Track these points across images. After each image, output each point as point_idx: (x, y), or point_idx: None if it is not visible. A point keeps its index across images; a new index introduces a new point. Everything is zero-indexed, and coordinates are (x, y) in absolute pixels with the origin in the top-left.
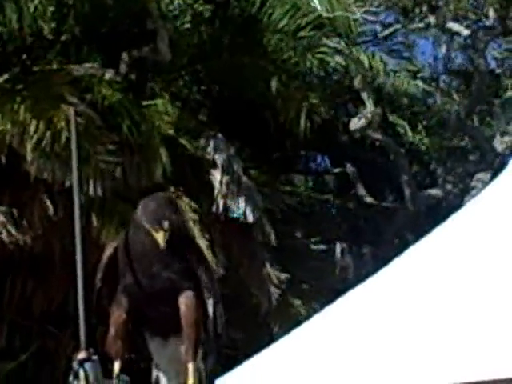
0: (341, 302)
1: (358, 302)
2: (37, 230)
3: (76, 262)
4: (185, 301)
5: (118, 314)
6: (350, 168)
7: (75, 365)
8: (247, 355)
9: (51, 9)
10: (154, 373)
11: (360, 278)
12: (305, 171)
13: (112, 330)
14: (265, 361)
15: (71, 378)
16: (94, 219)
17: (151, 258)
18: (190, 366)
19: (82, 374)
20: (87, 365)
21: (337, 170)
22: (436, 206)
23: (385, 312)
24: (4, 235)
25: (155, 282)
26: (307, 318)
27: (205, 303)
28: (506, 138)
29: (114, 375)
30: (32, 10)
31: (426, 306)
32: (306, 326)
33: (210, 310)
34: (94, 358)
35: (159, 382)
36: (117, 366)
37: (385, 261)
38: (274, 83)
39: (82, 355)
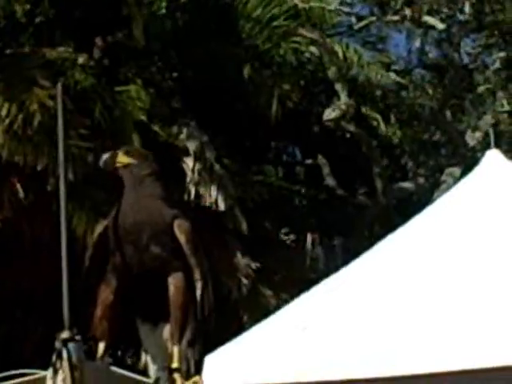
0: (312, 292)
1: (329, 294)
2: (7, 213)
3: (61, 241)
4: (174, 282)
5: (105, 295)
6: (321, 159)
7: (58, 344)
8: (216, 344)
9: None
10: (143, 358)
11: (330, 269)
12: (276, 161)
13: (98, 311)
14: (238, 348)
15: (54, 358)
16: None
17: (141, 233)
18: (175, 349)
19: (65, 353)
20: (70, 345)
21: (308, 162)
22: (407, 199)
23: (356, 304)
24: None
25: (145, 258)
26: (277, 308)
27: (193, 285)
28: (478, 134)
29: (98, 356)
30: None
31: (396, 299)
32: (276, 317)
33: (198, 293)
34: (78, 337)
35: (148, 367)
36: (101, 346)
37: (355, 253)
38: (246, 70)
39: (65, 335)
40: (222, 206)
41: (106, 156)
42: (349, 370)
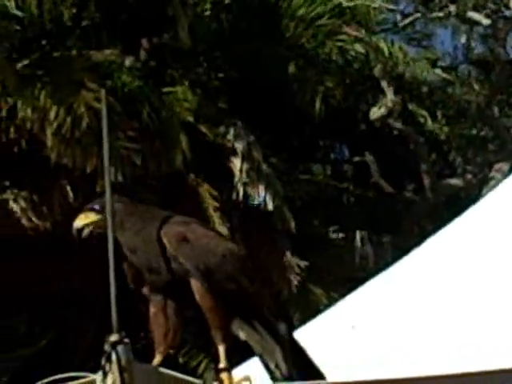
0: (362, 290)
1: (379, 292)
2: (57, 215)
3: (108, 243)
4: (194, 287)
5: (158, 317)
6: (368, 157)
7: (107, 347)
8: None
9: None
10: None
11: (379, 267)
12: (323, 160)
13: (158, 334)
14: None
15: (103, 361)
16: None
17: (150, 261)
18: (221, 349)
19: (114, 356)
20: (119, 347)
21: (356, 159)
22: (455, 195)
23: (405, 302)
24: (24, 221)
25: (163, 278)
26: (327, 306)
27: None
28: None
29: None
30: None
31: (447, 297)
32: (326, 315)
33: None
34: (126, 340)
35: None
36: (158, 359)
37: (404, 250)
38: (290, 69)
39: (114, 337)
40: (270, 206)
41: (77, 225)
42: (398, 369)
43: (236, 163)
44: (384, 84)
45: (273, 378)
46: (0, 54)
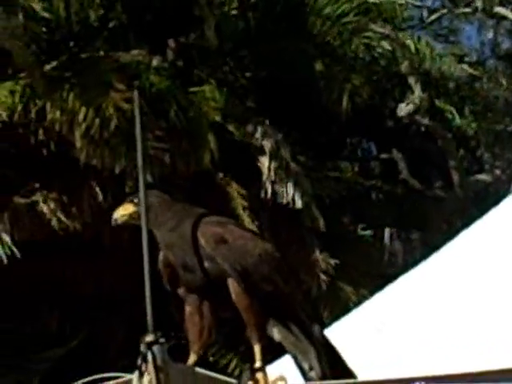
0: (391, 288)
1: (409, 289)
2: (86, 216)
3: (142, 242)
4: (231, 286)
5: (193, 316)
6: (396, 154)
7: (143, 348)
8: None
9: None
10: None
11: (408, 264)
12: (351, 157)
13: (193, 334)
14: None
15: (139, 361)
16: None
17: (185, 259)
18: (256, 348)
19: (150, 356)
20: (155, 348)
21: (383, 156)
22: (484, 191)
23: (437, 299)
24: (54, 222)
25: (198, 277)
26: (357, 303)
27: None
28: None
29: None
30: None
31: (476, 295)
32: (355, 314)
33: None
34: (162, 340)
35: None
36: (193, 359)
37: (433, 247)
38: (317, 66)
39: (149, 338)
40: (298, 204)
41: (116, 216)
42: (427, 367)
43: (264, 162)
44: (411, 80)
45: (306, 378)
46: (28, 57)
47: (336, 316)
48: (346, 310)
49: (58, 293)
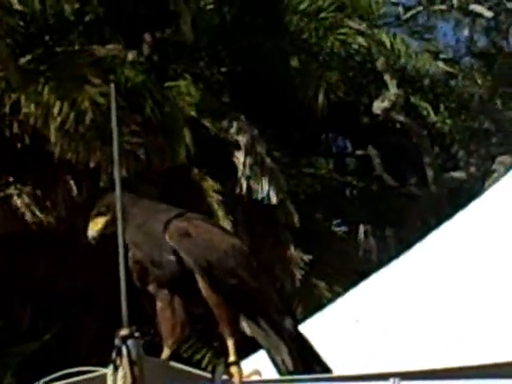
0: (366, 284)
1: (383, 285)
2: (60, 210)
3: (117, 237)
4: (199, 283)
5: (165, 312)
6: (371, 150)
7: (118, 341)
8: None
9: None
10: None
11: (383, 261)
12: (326, 153)
13: (166, 328)
14: None
15: (114, 355)
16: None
17: (153, 255)
18: (230, 342)
19: (124, 350)
20: (130, 342)
21: (358, 153)
22: (458, 188)
23: (411, 296)
24: (28, 216)
25: (167, 273)
26: (331, 300)
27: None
28: None
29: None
30: None
31: (449, 291)
32: (329, 309)
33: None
34: (137, 334)
35: None
36: (167, 353)
37: (408, 243)
38: (293, 62)
39: (124, 332)
40: (273, 200)
41: (90, 234)
42: (401, 362)
43: (239, 157)
44: (387, 77)
45: (280, 372)
46: (3, 50)
47: (310, 312)
48: (319, 306)
49: (31, 287)
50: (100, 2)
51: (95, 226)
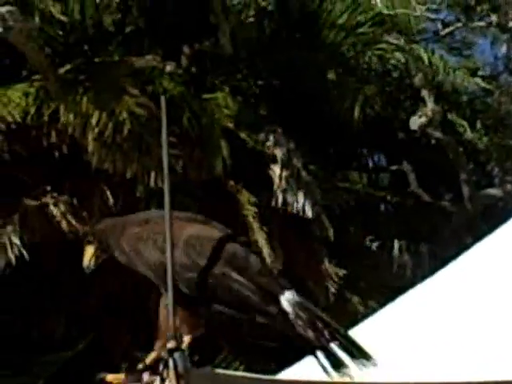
0: (400, 300)
1: (418, 302)
2: (96, 220)
3: (166, 243)
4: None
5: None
6: (406, 166)
7: (164, 354)
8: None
9: (116, 0)
10: None
11: (417, 276)
12: (360, 168)
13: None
14: None
15: (161, 367)
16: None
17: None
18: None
19: (171, 363)
20: (176, 354)
21: (393, 168)
22: (494, 205)
23: (444, 314)
24: (64, 225)
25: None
26: (365, 315)
27: None
28: None
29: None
30: (98, 1)
31: (485, 310)
32: (365, 325)
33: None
34: (183, 347)
35: None
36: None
37: (442, 259)
38: (330, 76)
39: (171, 344)
40: (309, 213)
41: (85, 264)
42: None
43: (275, 170)
44: (424, 93)
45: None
46: (43, 59)
47: (345, 327)
48: (353, 321)
49: (65, 296)
50: (140, 13)
51: (87, 257)
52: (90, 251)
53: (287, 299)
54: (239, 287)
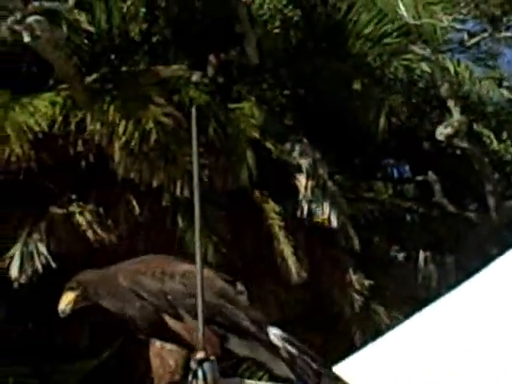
0: (426, 312)
1: (443, 314)
2: (122, 229)
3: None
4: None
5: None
6: (431, 176)
7: (193, 365)
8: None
9: (143, 10)
10: None
11: (442, 287)
12: (385, 178)
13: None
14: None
15: (190, 378)
16: (180, 220)
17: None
18: None
19: (200, 373)
20: (205, 365)
21: (418, 178)
22: None
23: (470, 326)
24: (90, 234)
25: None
26: (390, 326)
27: None
28: None
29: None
30: (125, 10)
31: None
32: (389, 336)
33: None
34: (212, 357)
35: None
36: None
37: (468, 271)
38: (355, 86)
39: (200, 355)
40: (334, 223)
41: (61, 308)
42: None
43: (301, 180)
44: (450, 103)
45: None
46: (70, 69)
47: (368, 337)
48: (378, 331)
49: (89, 305)
50: (167, 22)
51: (66, 301)
52: (70, 297)
53: (275, 333)
54: (232, 312)
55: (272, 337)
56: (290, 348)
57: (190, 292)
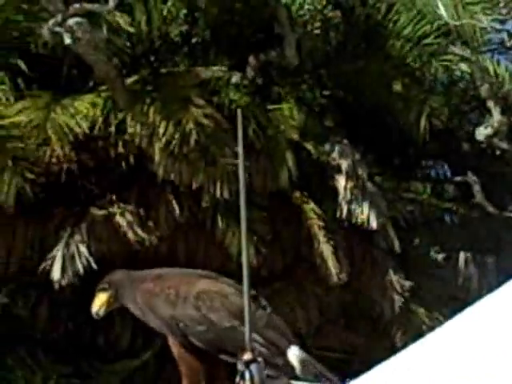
0: (467, 313)
1: (484, 316)
2: (162, 230)
3: (241, 253)
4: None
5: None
6: (471, 177)
7: (240, 366)
8: (364, 361)
9: (183, 11)
10: None
11: (483, 288)
12: (424, 179)
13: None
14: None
15: (237, 379)
16: (220, 221)
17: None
18: None
19: (247, 375)
20: (253, 366)
21: (457, 179)
22: None
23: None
24: (130, 235)
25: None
26: (431, 327)
27: None
28: None
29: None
30: (165, 12)
31: None
32: (430, 337)
33: None
34: (259, 359)
35: None
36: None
37: (508, 271)
38: (395, 87)
39: (247, 356)
40: (374, 224)
41: (94, 310)
42: None
43: (340, 181)
44: (490, 104)
45: None
46: (110, 70)
47: (409, 338)
48: (419, 333)
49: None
50: (207, 24)
51: (99, 303)
52: (103, 298)
53: (294, 354)
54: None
55: (290, 358)
56: (306, 369)
57: (202, 317)
